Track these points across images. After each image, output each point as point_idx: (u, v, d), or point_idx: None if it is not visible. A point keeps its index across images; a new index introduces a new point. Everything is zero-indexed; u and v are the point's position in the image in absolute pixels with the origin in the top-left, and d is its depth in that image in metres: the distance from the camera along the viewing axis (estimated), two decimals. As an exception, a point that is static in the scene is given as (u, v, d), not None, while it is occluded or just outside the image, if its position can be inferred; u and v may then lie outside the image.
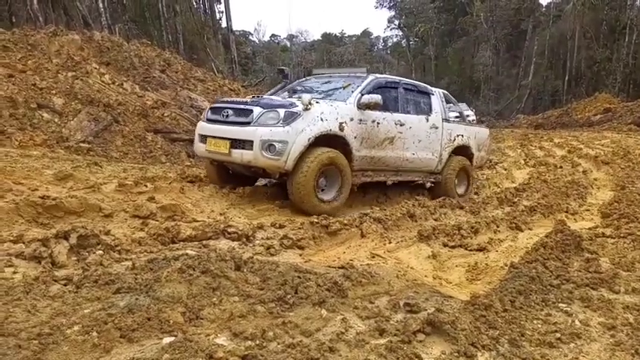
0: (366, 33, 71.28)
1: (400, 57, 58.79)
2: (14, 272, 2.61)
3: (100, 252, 2.98)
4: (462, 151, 7.50)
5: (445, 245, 4.30)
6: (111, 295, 2.44)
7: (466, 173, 7.55)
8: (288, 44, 64.14)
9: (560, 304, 2.84)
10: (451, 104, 7.80)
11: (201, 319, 2.36)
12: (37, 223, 3.47)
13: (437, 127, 6.91)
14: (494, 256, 4.06)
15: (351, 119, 5.61)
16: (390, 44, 65.85)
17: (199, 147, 5.79)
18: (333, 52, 58.59)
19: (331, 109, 5.48)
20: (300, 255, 3.72)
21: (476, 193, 7.82)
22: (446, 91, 7.67)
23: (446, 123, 7.13)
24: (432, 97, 7.10)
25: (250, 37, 59.76)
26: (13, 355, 1.91)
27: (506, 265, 3.64)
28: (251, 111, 5.24)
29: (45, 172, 4.97)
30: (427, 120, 6.77)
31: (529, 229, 5.20)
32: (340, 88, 6.23)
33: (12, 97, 8.47)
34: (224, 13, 33.61)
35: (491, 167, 10.91)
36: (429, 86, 7.31)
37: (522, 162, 12.04)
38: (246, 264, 3.08)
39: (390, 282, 3.13)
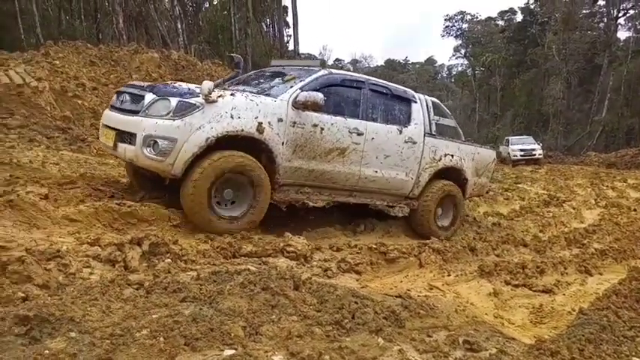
0: (430, 61, 71.03)
1: (464, 86, 57.90)
2: (91, 273, 2.79)
3: (169, 260, 3.13)
4: (451, 174, 6.24)
5: (507, 283, 4.14)
6: (177, 302, 2.54)
7: (452, 202, 6.22)
8: (352, 69, 64.99)
9: (633, 358, 2.65)
10: (440, 117, 6.42)
11: (261, 335, 2.41)
12: (112, 228, 3.70)
13: (415, 142, 5.68)
14: (561, 300, 3.86)
15: (280, 120, 4.56)
16: (454, 73, 65.20)
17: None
18: (396, 79, 58.75)
19: (249, 104, 4.42)
20: (357, 280, 3.71)
21: (541, 232, 7.47)
22: (437, 100, 6.49)
23: (430, 138, 5.90)
24: (412, 104, 5.86)
25: (314, 59, 61.08)
26: (87, 352, 2.02)
27: (574, 311, 3.45)
28: (142, 97, 4.33)
29: (121, 180, 5.29)
30: (400, 132, 5.56)
31: (599, 273, 4.90)
32: (282, 82, 5.15)
33: (94, 108, 9.15)
34: (292, 37, 34.71)
35: (558, 205, 10.41)
36: (411, 91, 6.11)
37: (593, 202, 11.38)
38: (304, 284, 3.11)
39: (449, 316, 3.06)
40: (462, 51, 56.95)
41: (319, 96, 4.63)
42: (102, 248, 3.05)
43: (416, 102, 5.92)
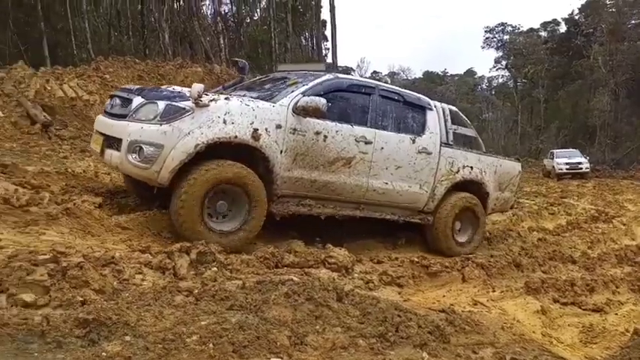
0: (469, 72, 69.94)
1: (506, 98, 56.66)
2: (143, 279, 2.90)
3: (215, 269, 3.20)
4: (470, 187, 5.85)
5: (556, 301, 4.01)
6: (225, 310, 2.60)
7: (472, 217, 5.84)
8: (389, 81, 64.91)
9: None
10: (459, 126, 6.00)
11: (306, 345, 2.43)
12: (161, 237, 3.83)
13: (429, 153, 5.33)
14: (614, 320, 3.71)
15: (278, 126, 4.27)
16: (494, 85, 63.95)
17: None
18: (434, 91, 58.14)
19: (245, 108, 4.15)
20: (399, 293, 3.69)
21: (589, 248, 7.18)
22: (455, 109, 6.10)
23: (446, 148, 5.54)
24: (427, 112, 5.50)
25: (352, 73, 61.48)
26: (141, 355, 2.10)
27: (628, 331, 3.32)
28: (131, 101, 4.17)
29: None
30: (413, 141, 5.21)
31: (654, 293, 4.67)
32: (284, 86, 4.85)
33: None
34: (330, 50, 35.06)
35: (607, 221, 9.99)
36: (425, 98, 5.72)
37: (644, 218, 10.88)
38: (347, 296, 3.11)
39: (495, 333, 3.00)
40: (503, 63, 55.87)
41: (321, 101, 4.33)
42: (152, 255, 3.16)
43: (431, 109, 5.56)
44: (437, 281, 4.12)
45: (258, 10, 31.66)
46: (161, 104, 3.92)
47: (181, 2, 23.04)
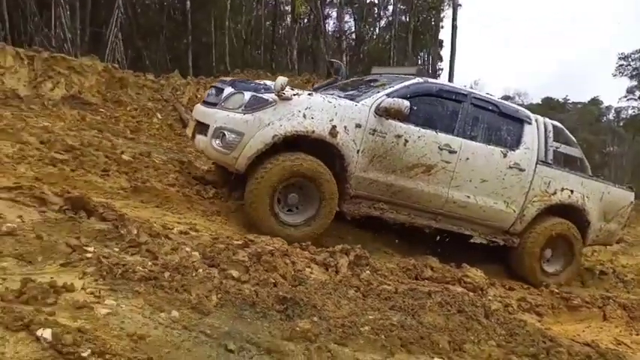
0: (594, 101, 64.52)
1: (637, 132, 51.46)
2: (311, 272, 3.33)
3: (368, 272, 3.55)
4: (569, 213, 5.35)
5: None
6: (387, 309, 2.93)
7: (566, 246, 5.32)
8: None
9: None
10: (562, 145, 5.49)
11: (464, 351, 2.66)
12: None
13: (522, 169, 5.01)
14: None
15: (358, 125, 4.28)
16: (622, 116, 58.36)
17: None
18: (554, 118, 54.48)
19: (326, 105, 4.19)
20: (539, 321, 3.75)
21: None
22: (561, 125, 5.60)
23: (543, 167, 5.15)
24: (525, 125, 5.16)
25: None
26: (325, 334, 2.48)
27: None
28: (222, 91, 4.40)
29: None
30: (505, 155, 4.93)
31: None
32: (373, 87, 4.80)
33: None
34: (443, 70, 34.67)
35: None
36: (525, 111, 5.38)
37: None
38: (493, 314, 3.28)
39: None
40: (638, 93, 50.88)
41: (405, 104, 4.25)
42: (316, 253, 3.60)
43: (530, 123, 5.21)
44: (576, 315, 4.09)
45: (377, 29, 32.38)
46: (247, 95, 4.12)
47: (306, 21, 24.52)
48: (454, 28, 23.25)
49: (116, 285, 2.22)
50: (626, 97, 53.00)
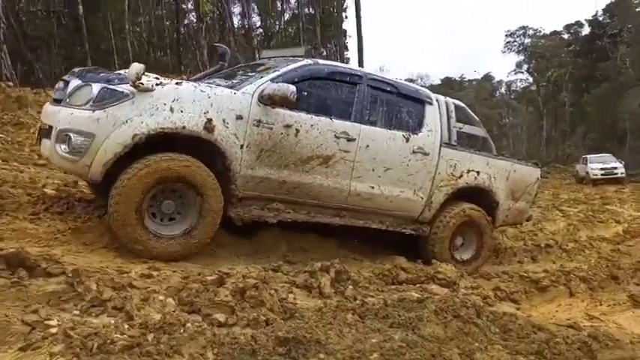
0: (487, 77, 69.38)
1: (529, 103, 56.17)
2: (294, 299, 3.06)
3: (351, 287, 3.36)
4: (476, 195, 5.12)
5: (662, 312, 4.06)
6: (387, 328, 2.75)
7: (476, 231, 5.07)
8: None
9: None
10: (465, 124, 5.31)
11: (475, 361, 2.57)
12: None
13: (426, 153, 4.70)
14: None
15: (239, 117, 3.75)
16: (513, 89, 63.38)
17: None
18: (453, 96, 57.74)
19: (199, 95, 3.61)
20: (518, 309, 3.78)
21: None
22: (462, 104, 5.38)
23: (448, 149, 4.86)
24: (426, 106, 4.82)
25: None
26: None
27: None
28: (68, 83, 3.74)
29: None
30: (407, 139, 4.58)
31: None
32: (257, 73, 4.28)
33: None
34: (350, 59, 35.36)
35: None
36: (426, 91, 5.12)
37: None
38: (482, 312, 3.24)
39: (633, 348, 3.08)
40: (525, 67, 55.50)
41: (290, 89, 3.75)
42: (295, 275, 3.33)
43: (431, 104, 4.87)
44: (546, 296, 4.21)
45: (282, 22, 32.17)
46: (95, 87, 3.44)
47: (210, 19, 23.65)
48: (358, 18, 23.72)
49: (95, 363, 1.83)
50: (514, 71, 57.71)
